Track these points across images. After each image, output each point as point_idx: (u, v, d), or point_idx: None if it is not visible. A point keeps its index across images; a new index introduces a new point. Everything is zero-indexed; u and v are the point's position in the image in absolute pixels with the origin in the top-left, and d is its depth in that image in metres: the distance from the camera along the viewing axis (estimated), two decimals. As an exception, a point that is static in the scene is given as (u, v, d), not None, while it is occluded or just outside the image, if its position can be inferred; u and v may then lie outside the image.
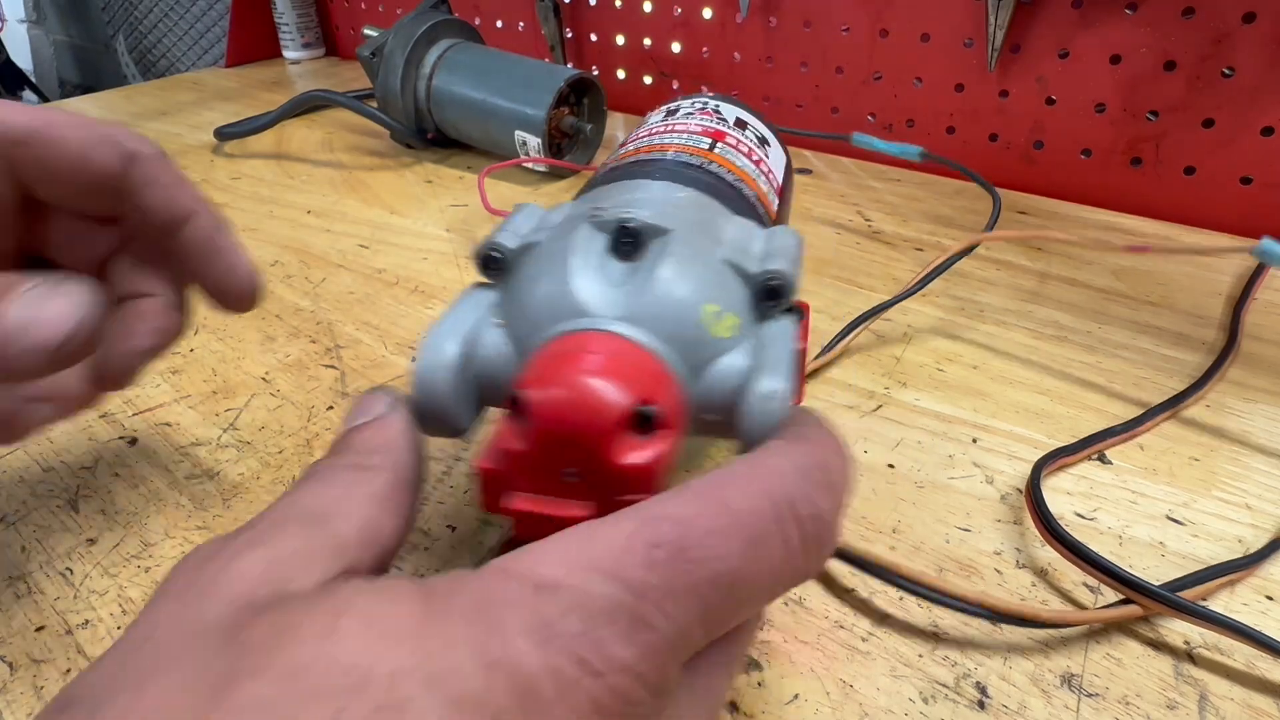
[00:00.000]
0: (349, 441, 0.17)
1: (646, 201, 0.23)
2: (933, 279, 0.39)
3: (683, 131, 0.30)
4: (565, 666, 0.12)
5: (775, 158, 0.33)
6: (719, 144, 0.29)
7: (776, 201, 0.30)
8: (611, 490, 0.17)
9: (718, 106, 0.33)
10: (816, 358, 0.36)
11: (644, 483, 0.17)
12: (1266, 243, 0.32)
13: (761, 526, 0.14)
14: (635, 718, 0.13)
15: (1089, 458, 0.31)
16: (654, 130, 0.31)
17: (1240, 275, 0.44)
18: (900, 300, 0.39)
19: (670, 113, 0.33)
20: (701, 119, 0.32)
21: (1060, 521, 0.28)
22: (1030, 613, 0.24)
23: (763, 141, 0.32)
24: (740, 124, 0.32)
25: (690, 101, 0.34)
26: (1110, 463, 0.31)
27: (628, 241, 0.21)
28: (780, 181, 0.32)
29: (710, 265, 0.21)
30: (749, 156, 0.30)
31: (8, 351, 0.18)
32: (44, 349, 0.18)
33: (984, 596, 0.24)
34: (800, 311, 0.21)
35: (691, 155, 0.28)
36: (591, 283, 0.20)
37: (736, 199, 0.26)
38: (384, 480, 0.16)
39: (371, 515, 0.15)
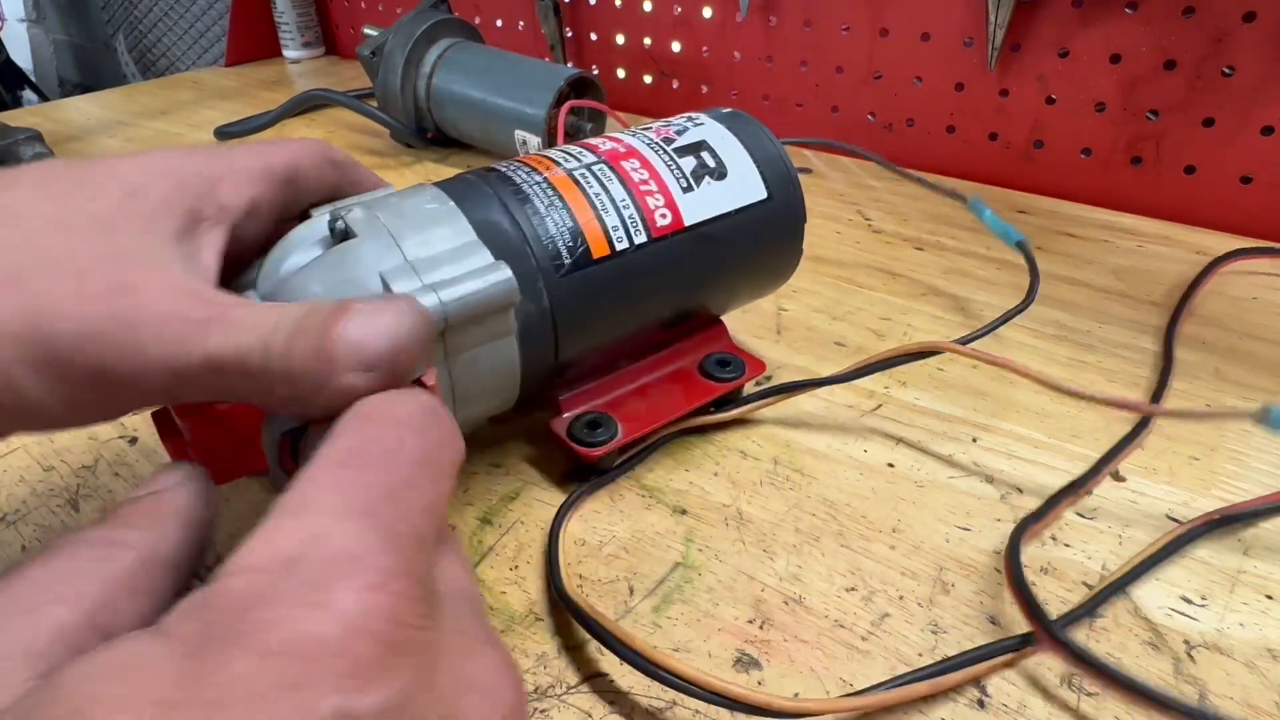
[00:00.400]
0: (111, 516, 0.16)
1: (386, 206, 0.25)
2: (877, 370, 0.32)
3: (589, 149, 0.30)
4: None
5: (716, 193, 0.30)
6: (596, 168, 0.29)
7: (639, 237, 0.28)
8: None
9: (694, 126, 0.32)
10: (722, 411, 0.33)
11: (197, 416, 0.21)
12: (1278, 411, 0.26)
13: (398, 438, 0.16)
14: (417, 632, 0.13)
15: (1062, 513, 0.29)
16: (580, 143, 0.31)
17: (1183, 282, 0.44)
18: (830, 383, 0.33)
19: (645, 126, 0.32)
20: (635, 138, 0.30)
21: (1060, 522, 0.29)
22: (764, 703, 0.21)
23: (708, 174, 0.30)
24: (690, 149, 0.30)
25: (678, 118, 0.33)
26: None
27: (329, 234, 0.24)
28: (695, 219, 0.29)
29: (356, 275, 0.22)
30: (632, 189, 0.28)
31: (340, 366, 0.17)
32: (373, 359, 0.17)
33: (722, 686, 0.21)
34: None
35: (530, 173, 0.28)
36: (278, 258, 0.23)
37: (501, 230, 0.26)
38: (130, 560, 0.15)
39: (107, 598, 0.14)
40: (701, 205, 0.30)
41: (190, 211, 0.20)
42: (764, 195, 0.31)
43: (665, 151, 0.30)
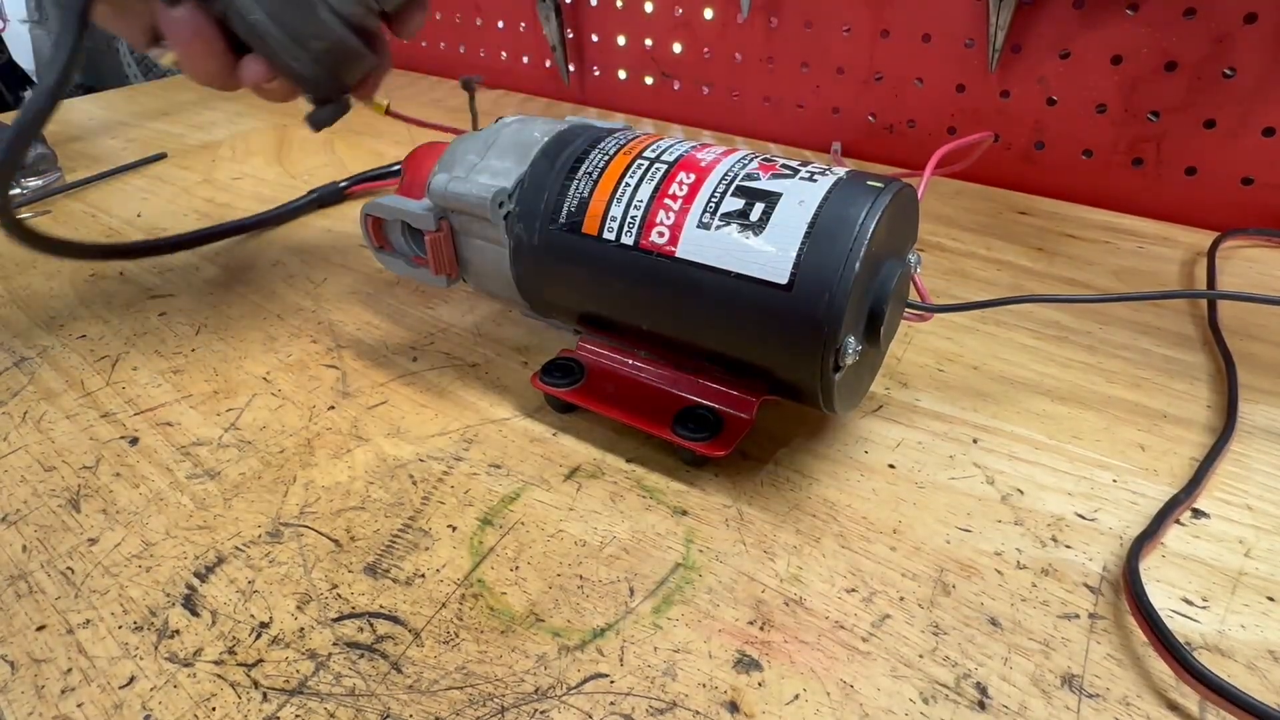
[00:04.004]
0: None
1: (516, 124, 0.35)
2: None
3: (681, 150, 0.30)
4: None
5: (730, 244, 0.27)
6: (656, 165, 0.30)
7: (627, 239, 0.29)
8: None
9: (803, 177, 0.27)
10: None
11: None
12: None
13: None
14: None
15: (1176, 522, 0.29)
16: (696, 142, 0.31)
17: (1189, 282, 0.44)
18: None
19: (773, 156, 0.30)
20: (729, 158, 0.29)
21: (1062, 523, 0.29)
22: None
23: (737, 223, 0.27)
24: (752, 194, 0.27)
25: (815, 164, 0.29)
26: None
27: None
28: (688, 255, 0.28)
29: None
30: (658, 197, 0.28)
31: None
32: None
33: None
34: None
35: (616, 145, 0.31)
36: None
37: (543, 177, 0.32)
38: None
39: None
40: (705, 247, 0.27)
41: None
42: (782, 281, 0.25)
43: (728, 182, 0.28)
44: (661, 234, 0.28)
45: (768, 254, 0.26)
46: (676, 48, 0.70)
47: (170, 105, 0.79)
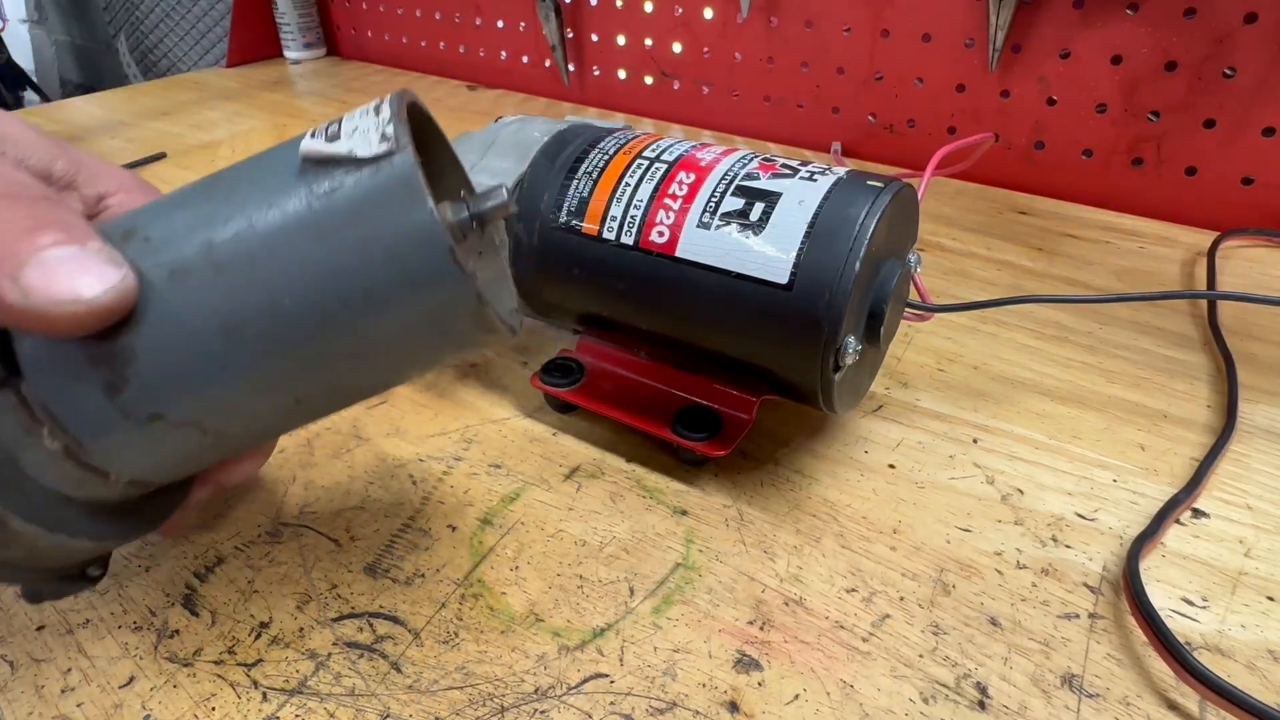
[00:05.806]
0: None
1: (521, 124, 0.35)
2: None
3: (681, 150, 0.30)
4: None
5: (730, 244, 0.27)
6: (656, 165, 0.30)
7: (627, 238, 0.29)
8: None
9: (802, 177, 0.27)
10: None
11: None
12: None
13: None
14: None
15: (1176, 521, 0.29)
16: (698, 141, 0.31)
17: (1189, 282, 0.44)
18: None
19: (773, 156, 0.30)
20: (729, 158, 0.29)
21: (1062, 523, 0.29)
22: None
23: (737, 223, 0.27)
24: (751, 193, 0.27)
25: (815, 164, 0.29)
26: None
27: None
28: (688, 255, 0.28)
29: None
30: (657, 196, 0.29)
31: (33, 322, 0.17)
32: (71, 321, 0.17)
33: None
34: None
35: (615, 144, 0.31)
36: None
37: (544, 177, 0.32)
38: None
39: None
40: (705, 246, 0.27)
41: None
42: (782, 281, 0.26)
43: (728, 182, 0.28)
44: (661, 234, 0.28)
45: (767, 254, 0.26)
46: (676, 47, 0.70)
47: (170, 105, 0.79)
